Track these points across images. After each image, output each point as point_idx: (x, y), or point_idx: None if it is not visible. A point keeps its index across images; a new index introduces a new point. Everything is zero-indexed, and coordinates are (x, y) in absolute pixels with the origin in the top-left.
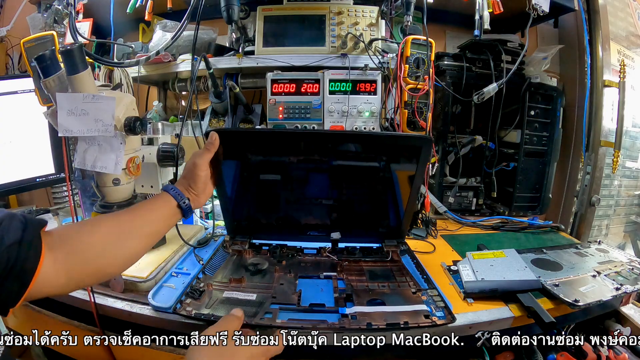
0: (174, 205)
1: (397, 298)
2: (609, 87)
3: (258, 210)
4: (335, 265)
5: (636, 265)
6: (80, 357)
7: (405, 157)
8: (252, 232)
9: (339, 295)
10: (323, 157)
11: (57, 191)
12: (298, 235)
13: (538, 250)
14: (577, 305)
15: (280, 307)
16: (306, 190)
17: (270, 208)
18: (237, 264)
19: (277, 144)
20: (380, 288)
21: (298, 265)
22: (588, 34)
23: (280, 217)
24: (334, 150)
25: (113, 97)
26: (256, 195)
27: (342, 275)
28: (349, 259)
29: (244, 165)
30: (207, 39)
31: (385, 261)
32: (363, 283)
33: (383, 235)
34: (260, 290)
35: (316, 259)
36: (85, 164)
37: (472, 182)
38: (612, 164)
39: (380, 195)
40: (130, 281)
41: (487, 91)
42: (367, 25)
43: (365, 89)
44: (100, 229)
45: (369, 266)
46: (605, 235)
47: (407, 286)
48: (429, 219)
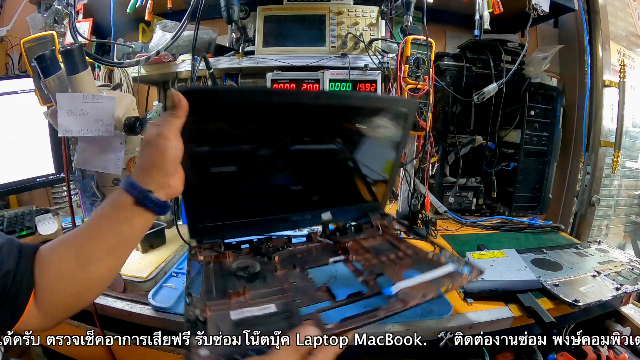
0: (129, 203)
1: (424, 265)
2: (609, 87)
3: (222, 205)
4: (335, 249)
5: (636, 265)
6: (80, 357)
7: (390, 122)
8: (222, 231)
9: (366, 277)
10: (299, 127)
11: (57, 191)
12: (278, 225)
13: (538, 250)
14: (577, 305)
15: (317, 309)
16: (273, 175)
17: (236, 200)
18: (219, 273)
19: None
20: (398, 260)
21: (295, 258)
22: (588, 34)
23: (249, 210)
24: (312, 118)
25: (113, 97)
26: (216, 187)
27: (352, 257)
28: (345, 240)
29: (206, 143)
30: (207, 39)
31: (382, 235)
32: (376, 259)
33: (366, 209)
34: (274, 298)
35: (309, 247)
36: (85, 164)
37: (472, 182)
38: (612, 164)
39: (363, 168)
40: (130, 281)
41: (487, 91)
42: (367, 25)
43: (365, 89)
44: (60, 257)
45: (369, 243)
46: (605, 235)
47: (419, 252)
48: (429, 219)
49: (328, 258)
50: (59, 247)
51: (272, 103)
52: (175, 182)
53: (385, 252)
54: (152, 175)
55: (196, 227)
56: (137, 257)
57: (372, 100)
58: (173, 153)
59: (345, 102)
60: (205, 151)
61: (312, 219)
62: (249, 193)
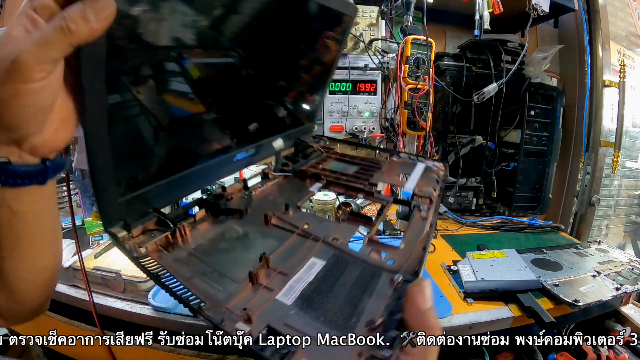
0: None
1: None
2: (609, 87)
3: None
4: (302, 178)
5: (636, 265)
6: (80, 357)
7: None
8: (148, 201)
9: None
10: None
11: (57, 191)
12: (220, 169)
13: (538, 250)
14: (577, 305)
15: (369, 238)
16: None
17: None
18: (195, 258)
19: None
20: (375, 172)
21: (268, 202)
22: (588, 34)
23: (174, 157)
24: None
25: None
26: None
27: (325, 175)
28: (305, 168)
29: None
30: None
31: (331, 156)
32: (355, 178)
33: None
34: (306, 252)
35: (271, 185)
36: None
37: (472, 182)
38: (612, 164)
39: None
40: (130, 281)
41: (487, 91)
42: (367, 25)
43: (365, 89)
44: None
45: (328, 165)
46: (605, 235)
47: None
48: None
49: (305, 189)
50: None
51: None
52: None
53: (353, 170)
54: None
55: (116, 207)
56: None
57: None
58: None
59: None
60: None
61: (257, 152)
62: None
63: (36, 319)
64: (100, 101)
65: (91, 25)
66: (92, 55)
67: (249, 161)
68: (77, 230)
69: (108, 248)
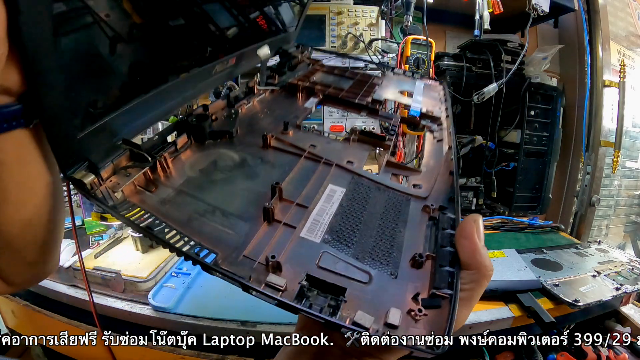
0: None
1: (400, 83)
2: (609, 87)
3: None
4: (292, 91)
5: (636, 265)
6: (80, 357)
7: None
8: (116, 130)
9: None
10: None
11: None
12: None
13: (538, 250)
14: (577, 305)
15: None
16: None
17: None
18: (188, 195)
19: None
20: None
21: (263, 122)
22: (588, 34)
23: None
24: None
25: None
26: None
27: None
28: (290, 81)
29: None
30: None
31: (318, 68)
32: (352, 90)
33: (279, 44)
34: (321, 178)
35: (260, 101)
36: None
37: (472, 182)
38: (612, 164)
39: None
40: (130, 281)
41: (487, 91)
42: (367, 25)
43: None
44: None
45: (319, 78)
46: (605, 235)
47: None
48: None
49: (299, 106)
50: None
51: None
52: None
53: (348, 84)
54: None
55: (73, 142)
56: (137, 257)
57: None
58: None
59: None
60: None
61: (238, 62)
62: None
63: (36, 318)
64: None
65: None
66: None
67: (229, 72)
68: (77, 230)
69: (108, 248)
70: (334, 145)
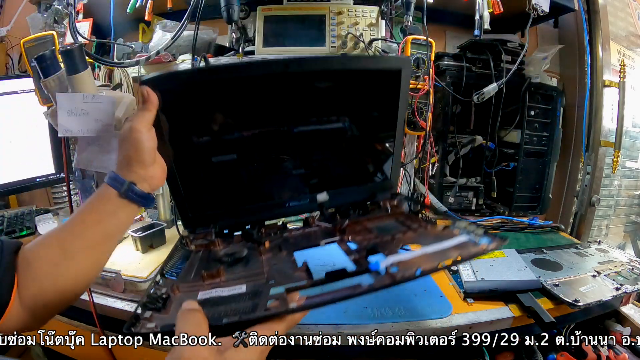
0: (114, 196)
1: (429, 239)
2: (609, 87)
3: (218, 194)
4: (332, 231)
5: (636, 265)
6: (80, 357)
7: (382, 87)
8: (217, 220)
9: (357, 255)
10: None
11: (57, 191)
12: (275, 212)
13: (538, 250)
14: (577, 305)
15: (286, 289)
16: (272, 160)
17: (233, 189)
18: (205, 259)
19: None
20: (401, 236)
21: (286, 242)
22: (588, 34)
23: (247, 197)
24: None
25: (113, 97)
26: (213, 176)
27: (348, 237)
28: (345, 222)
29: (192, 130)
30: (207, 39)
31: (388, 214)
32: (377, 239)
33: (372, 189)
34: (248, 279)
35: (306, 232)
36: (85, 164)
37: (472, 182)
38: (612, 164)
39: (362, 144)
40: (130, 281)
41: (487, 91)
42: (367, 25)
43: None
44: (45, 252)
45: (373, 223)
46: (605, 235)
47: (429, 227)
48: (429, 219)
49: (321, 240)
50: (43, 242)
51: (240, 78)
52: (155, 172)
53: (389, 231)
54: (132, 168)
55: (188, 218)
56: (137, 257)
57: (352, 61)
58: (147, 145)
59: (320, 67)
60: (189, 138)
61: (310, 203)
62: (239, 178)
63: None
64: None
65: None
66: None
67: (306, 208)
68: None
69: None
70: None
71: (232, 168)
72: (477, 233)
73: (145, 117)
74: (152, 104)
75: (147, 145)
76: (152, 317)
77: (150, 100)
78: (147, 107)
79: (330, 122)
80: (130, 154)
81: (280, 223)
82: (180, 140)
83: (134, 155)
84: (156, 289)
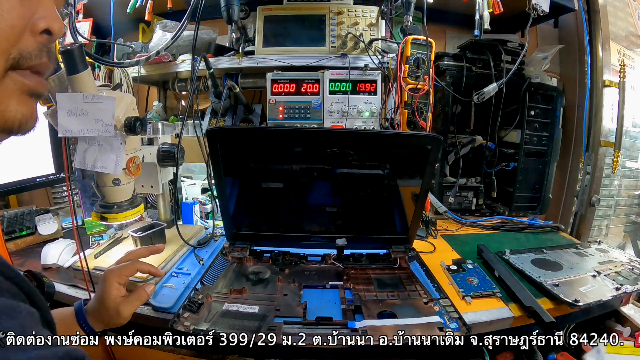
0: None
1: (409, 309)
2: (609, 87)
3: (259, 216)
4: (341, 274)
5: (636, 265)
6: None
7: (412, 158)
8: (253, 239)
9: (347, 307)
10: (326, 160)
11: (57, 191)
12: (301, 242)
13: (538, 250)
14: (577, 305)
15: (284, 321)
16: (309, 195)
17: (272, 214)
18: (237, 272)
19: (278, 143)
20: (390, 298)
21: (302, 274)
22: (588, 34)
23: (282, 224)
24: (337, 153)
25: (113, 97)
26: (257, 200)
27: (349, 285)
28: (355, 267)
29: (244, 168)
30: (207, 39)
31: (394, 269)
32: (372, 293)
33: (390, 241)
34: (262, 302)
35: (321, 267)
36: (85, 164)
37: (472, 182)
38: (612, 164)
39: (387, 200)
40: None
41: (487, 91)
42: (367, 25)
43: (365, 89)
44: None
45: (377, 274)
46: (605, 235)
47: (417, 295)
48: (429, 219)
49: (328, 281)
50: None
51: (293, 138)
52: (112, 318)
53: (384, 288)
54: (96, 305)
55: (233, 233)
56: None
57: (396, 137)
58: (112, 308)
59: (365, 139)
60: (248, 174)
61: (331, 242)
62: (279, 207)
63: None
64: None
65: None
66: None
67: (327, 245)
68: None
69: (108, 248)
70: (293, 300)
71: (275, 196)
72: (452, 316)
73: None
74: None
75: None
76: (189, 317)
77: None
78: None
79: (367, 168)
80: (98, 294)
81: (302, 253)
82: (234, 177)
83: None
84: (195, 293)
